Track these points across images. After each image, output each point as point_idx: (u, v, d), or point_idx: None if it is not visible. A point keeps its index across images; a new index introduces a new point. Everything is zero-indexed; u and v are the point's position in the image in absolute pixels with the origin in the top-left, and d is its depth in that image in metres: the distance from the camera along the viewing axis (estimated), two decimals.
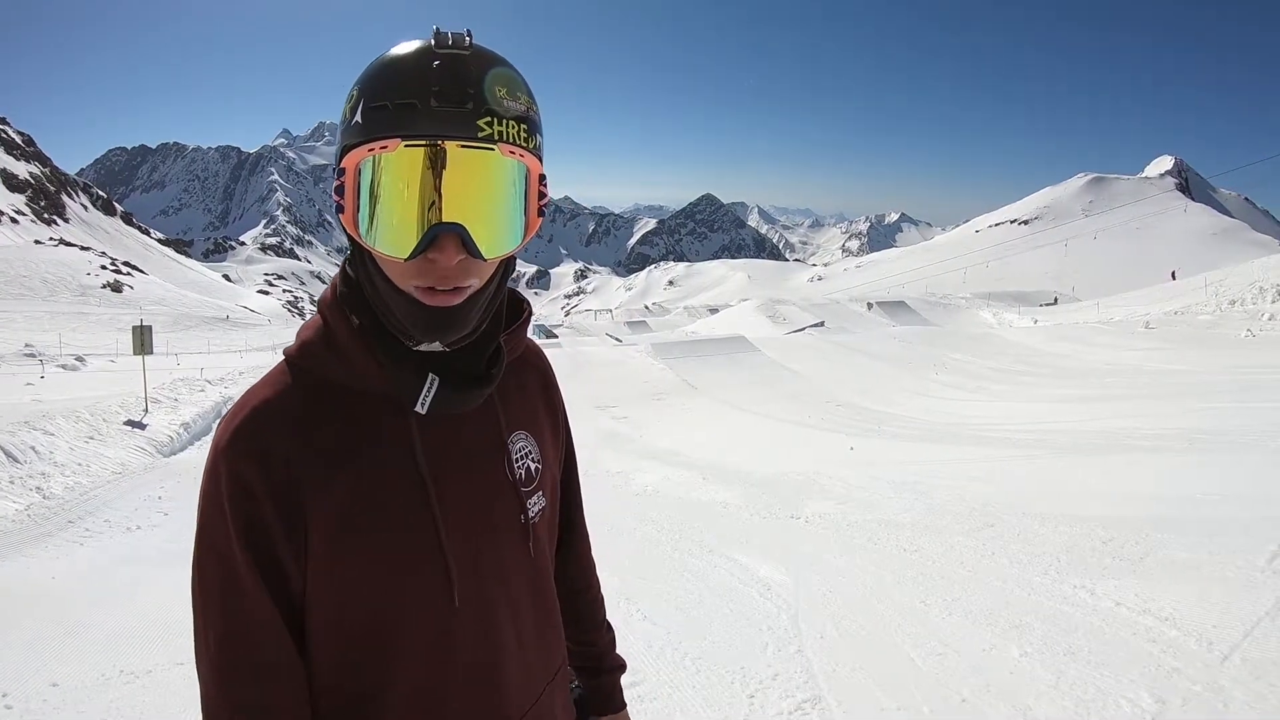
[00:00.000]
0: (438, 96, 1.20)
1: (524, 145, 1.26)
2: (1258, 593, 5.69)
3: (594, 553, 1.97)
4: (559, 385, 1.82)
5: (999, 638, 5.48)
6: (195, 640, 1.34)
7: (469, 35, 1.25)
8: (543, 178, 1.33)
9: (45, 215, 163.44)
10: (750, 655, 5.51)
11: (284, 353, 1.44)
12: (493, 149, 1.22)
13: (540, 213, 1.34)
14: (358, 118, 1.24)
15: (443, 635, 1.39)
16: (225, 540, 1.29)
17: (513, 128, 1.24)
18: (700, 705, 4.87)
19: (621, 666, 1.93)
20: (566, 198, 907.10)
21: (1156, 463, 11.21)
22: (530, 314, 1.58)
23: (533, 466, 1.55)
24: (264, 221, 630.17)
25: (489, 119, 1.22)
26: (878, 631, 5.81)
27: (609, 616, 1.99)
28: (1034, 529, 7.87)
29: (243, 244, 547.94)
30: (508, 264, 1.40)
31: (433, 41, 1.23)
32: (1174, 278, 64.01)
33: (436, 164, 1.20)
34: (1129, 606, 5.75)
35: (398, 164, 1.20)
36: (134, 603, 7.26)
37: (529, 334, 1.67)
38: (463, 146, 1.20)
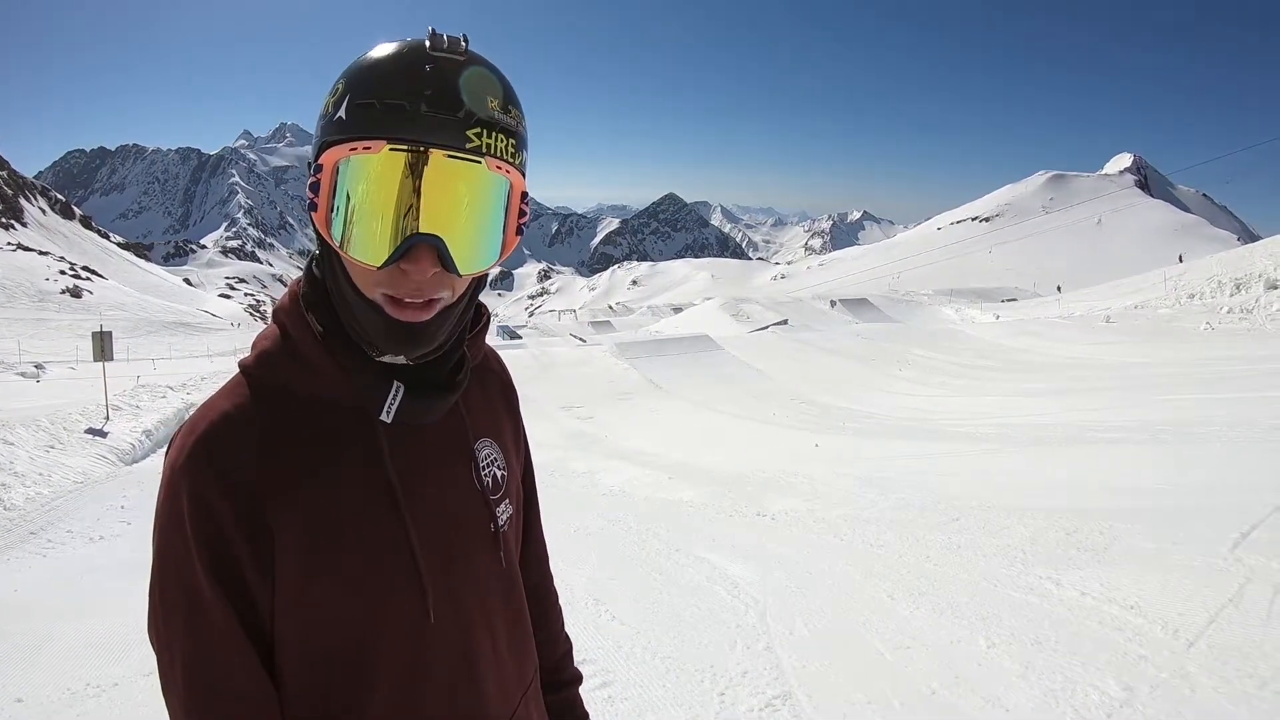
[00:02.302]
0: (429, 101, 1.14)
1: (511, 161, 1.22)
2: (1221, 580, 5.76)
3: (563, 553, 1.91)
4: (517, 389, 1.77)
5: (966, 630, 5.51)
6: (160, 670, 1.27)
7: (465, 40, 1.20)
8: (525, 195, 1.29)
9: (3, 219, 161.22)
10: (720, 653, 5.50)
11: (240, 364, 1.36)
12: (480, 162, 1.17)
13: (519, 231, 1.30)
14: (341, 113, 1.19)
15: (419, 652, 1.33)
16: (188, 564, 1.22)
17: (502, 141, 1.20)
18: (671, 704, 4.86)
19: (579, 679, 1.84)
20: (529, 198, 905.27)
21: (1119, 455, 11.33)
22: (489, 319, 1.52)
23: (499, 474, 1.51)
24: (225, 224, 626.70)
25: (479, 130, 1.17)
26: (846, 627, 5.82)
27: (578, 617, 1.93)
28: (999, 522, 7.92)
29: (204, 247, 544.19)
30: (479, 280, 1.35)
31: (428, 43, 1.18)
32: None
33: (420, 171, 1.14)
34: (1094, 596, 5.80)
35: (380, 167, 1.15)
36: (99, 614, 7.13)
37: (495, 336, 1.60)
38: (450, 156, 1.15)
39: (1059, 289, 76.05)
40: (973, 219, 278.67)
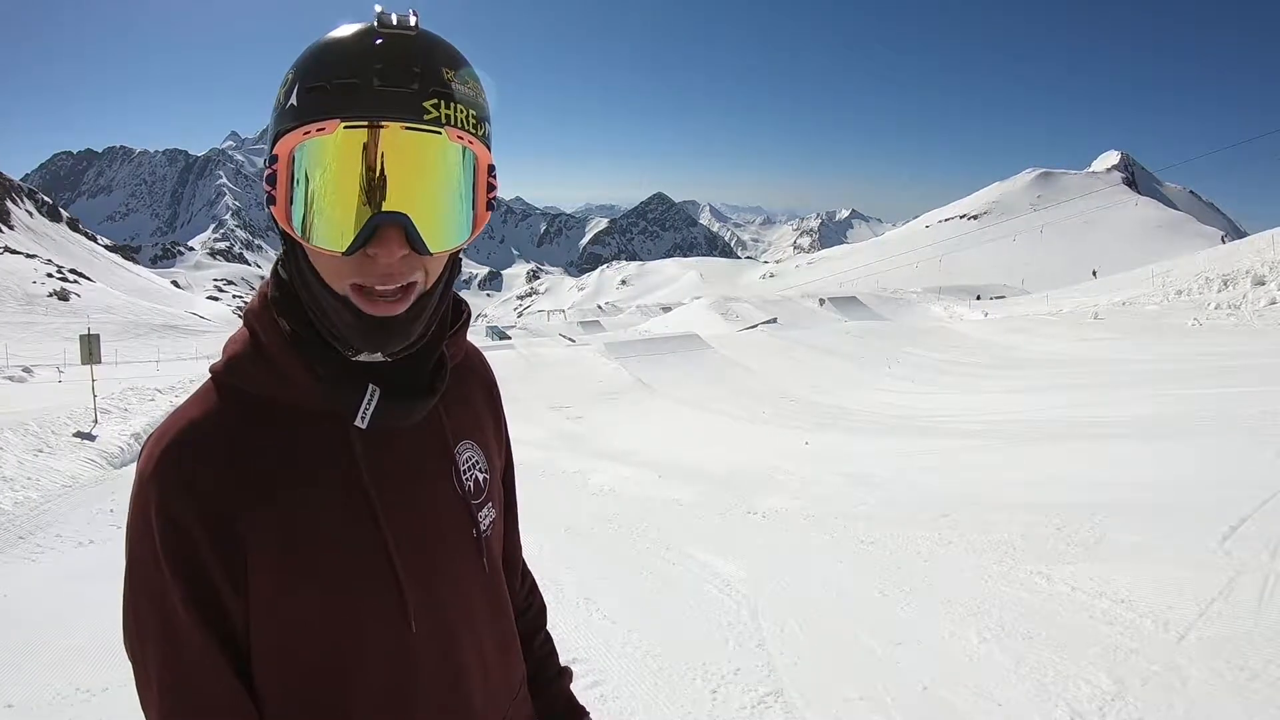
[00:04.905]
0: (381, 75, 1.10)
1: (473, 132, 1.17)
2: (1211, 573, 5.78)
3: (553, 553, 1.88)
4: (505, 389, 1.72)
5: (958, 625, 5.51)
6: (137, 685, 1.25)
7: (415, 15, 1.16)
8: (492, 168, 1.24)
9: None
10: (711, 651, 5.50)
11: (210, 369, 1.32)
12: (440, 132, 1.13)
13: (489, 206, 1.25)
14: (293, 100, 1.15)
15: (401, 662, 1.30)
16: (159, 580, 1.19)
17: (461, 112, 1.15)
18: (663, 702, 4.85)
19: (566, 673, 1.80)
20: (518, 198, 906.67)
21: (1108, 450, 11.35)
22: (469, 316, 1.48)
23: (481, 477, 1.47)
24: (213, 226, 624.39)
25: (436, 100, 1.13)
26: (837, 623, 5.83)
27: (569, 616, 1.89)
28: (988, 517, 7.93)
29: (191, 249, 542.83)
30: (454, 264, 1.31)
31: (375, 22, 1.14)
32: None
33: (378, 147, 1.11)
34: (1085, 590, 5.82)
35: (336, 147, 1.11)
36: (88, 619, 7.07)
37: (484, 336, 1.56)
38: (407, 128, 1.11)
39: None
40: (961, 216, 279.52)
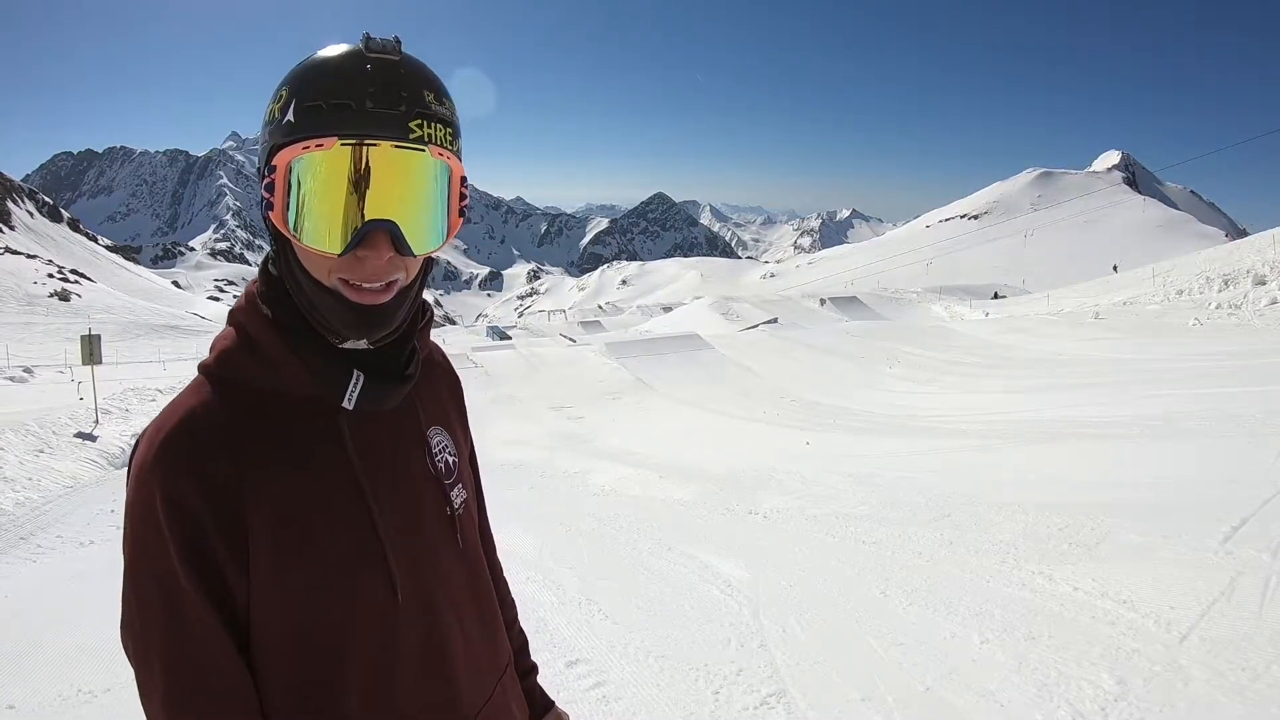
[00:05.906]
0: (373, 98, 1.25)
1: (449, 148, 1.33)
2: (1212, 573, 5.77)
3: (554, 553, 1.90)
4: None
5: (960, 626, 5.51)
6: (138, 675, 1.30)
7: (398, 41, 1.30)
8: (464, 179, 1.39)
9: None
10: (713, 652, 5.50)
11: (199, 366, 1.41)
12: (423, 150, 1.28)
13: (461, 214, 1.40)
14: (289, 117, 1.27)
15: (389, 632, 1.38)
16: (165, 563, 1.25)
17: (440, 130, 1.31)
18: (665, 703, 4.85)
19: (535, 669, 1.90)
20: (518, 198, 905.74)
21: (1108, 450, 11.34)
22: (433, 315, 1.59)
23: (450, 460, 1.58)
24: (213, 226, 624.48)
25: (420, 121, 1.28)
26: (839, 624, 5.82)
27: (570, 616, 1.93)
28: (990, 518, 7.93)
29: (192, 249, 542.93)
30: (428, 264, 1.43)
31: (363, 45, 1.28)
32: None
33: (370, 162, 1.24)
34: (1086, 591, 5.81)
35: (333, 161, 1.24)
36: (90, 619, 7.08)
37: (485, 336, 1.62)
38: (396, 146, 1.26)
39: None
40: (961, 216, 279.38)
